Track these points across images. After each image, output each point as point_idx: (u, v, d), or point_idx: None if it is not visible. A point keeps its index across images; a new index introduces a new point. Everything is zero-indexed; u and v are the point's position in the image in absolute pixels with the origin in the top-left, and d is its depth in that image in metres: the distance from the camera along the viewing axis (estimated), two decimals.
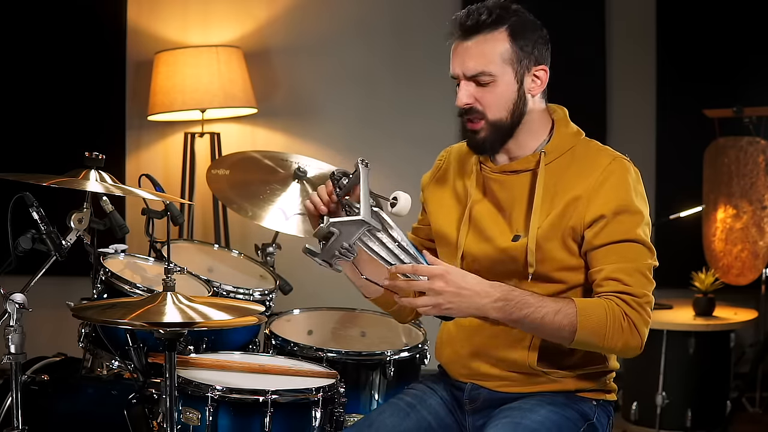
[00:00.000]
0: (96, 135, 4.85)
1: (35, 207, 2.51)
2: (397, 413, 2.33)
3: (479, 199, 2.29)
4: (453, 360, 2.38)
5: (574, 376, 2.27)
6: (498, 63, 2.17)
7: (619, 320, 2.10)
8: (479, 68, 2.17)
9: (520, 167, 2.25)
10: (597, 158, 2.21)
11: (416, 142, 4.75)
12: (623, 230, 2.15)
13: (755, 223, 4.39)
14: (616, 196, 2.16)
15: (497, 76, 2.17)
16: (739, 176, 4.42)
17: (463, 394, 2.35)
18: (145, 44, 4.93)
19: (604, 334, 2.10)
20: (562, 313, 2.10)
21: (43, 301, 2.84)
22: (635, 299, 2.12)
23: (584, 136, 2.28)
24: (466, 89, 2.19)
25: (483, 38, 2.17)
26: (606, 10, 4.92)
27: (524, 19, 2.20)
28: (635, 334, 2.11)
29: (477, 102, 2.20)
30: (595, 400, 2.30)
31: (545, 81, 2.24)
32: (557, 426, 2.18)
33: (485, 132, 2.21)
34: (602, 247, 2.16)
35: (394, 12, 5.03)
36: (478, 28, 2.16)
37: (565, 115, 2.30)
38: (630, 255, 2.15)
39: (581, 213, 2.16)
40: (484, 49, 2.17)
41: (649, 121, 4.97)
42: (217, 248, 3.68)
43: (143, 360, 2.78)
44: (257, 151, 3.83)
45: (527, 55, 2.19)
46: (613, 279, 2.14)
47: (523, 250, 2.19)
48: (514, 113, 2.21)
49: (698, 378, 4.23)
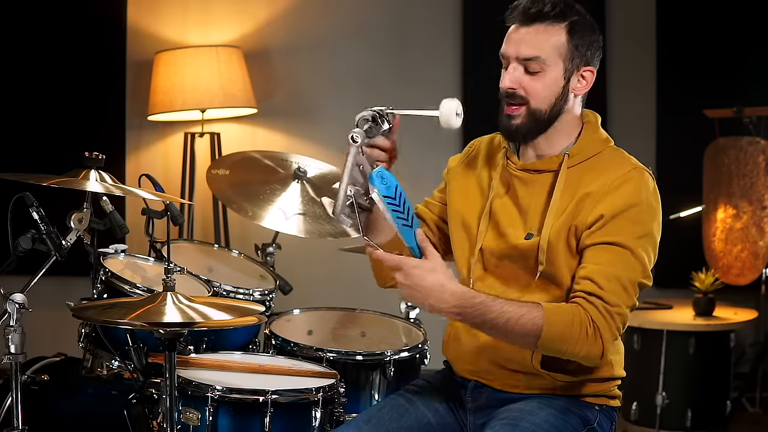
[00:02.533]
0: (96, 135, 4.85)
1: (35, 207, 2.51)
2: (396, 409, 2.32)
3: (501, 194, 2.29)
4: (458, 356, 2.38)
5: (578, 380, 2.26)
6: (552, 54, 2.18)
7: (585, 327, 2.07)
8: (534, 53, 2.17)
9: (543, 167, 2.25)
10: (620, 164, 2.20)
11: (416, 141, 4.76)
12: (617, 233, 2.12)
13: (755, 223, 4.39)
14: (623, 201, 2.14)
15: (548, 67, 2.18)
16: (739, 176, 4.42)
17: (466, 391, 2.34)
18: (145, 44, 4.93)
19: (569, 340, 2.07)
20: (525, 318, 2.08)
21: (43, 301, 2.84)
22: (606, 306, 2.09)
23: (612, 144, 2.29)
24: (514, 73, 2.19)
25: (543, 27, 2.17)
26: (606, 11, 4.92)
27: (584, 20, 2.21)
28: (598, 342, 2.08)
29: (521, 88, 2.19)
30: (598, 405, 2.29)
31: (590, 83, 2.25)
32: (556, 429, 2.17)
33: (522, 119, 2.21)
34: (592, 246, 2.14)
35: (394, 12, 5.04)
36: (540, 17, 2.17)
37: (597, 121, 2.31)
38: (616, 261, 2.11)
39: (586, 212, 2.15)
40: (543, 37, 2.17)
41: (649, 121, 4.97)
42: (217, 248, 3.68)
43: (143, 360, 2.78)
44: (257, 151, 3.83)
45: (580, 54, 2.20)
46: (589, 279, 2.11)
47: (534, 248, 2.19)
48: (553, 107, 2.21)
49: (698, 378, 4.23)
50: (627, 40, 4.96)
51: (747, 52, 4.78)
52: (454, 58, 4.94)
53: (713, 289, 4.31)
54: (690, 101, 4.76)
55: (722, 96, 4.63)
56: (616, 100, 4.96)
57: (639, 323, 4.28)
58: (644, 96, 4.97)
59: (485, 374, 2.32)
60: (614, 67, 4.92)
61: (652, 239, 2.16)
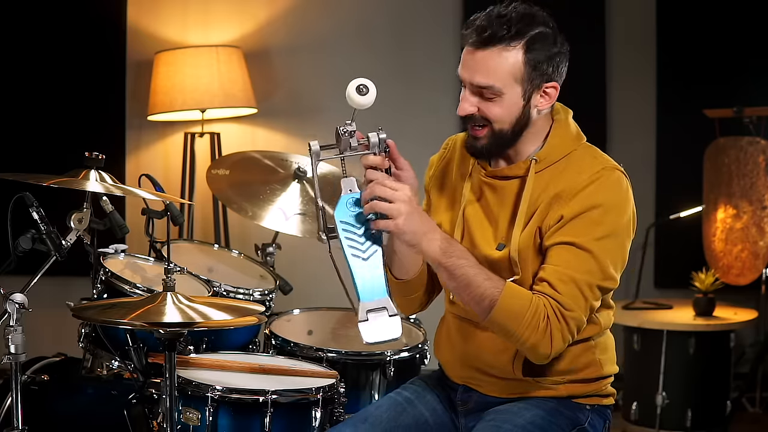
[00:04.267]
0: (96, 135, 4.84)
1: (35, 207, 2.51)
2: (393, 408, 2.30)
3: (472, 201, 2.25)
4: (448, 360, 2.37)
5: (565, 381, 2.23)
6: (507, 80, 2.10)
7: (539, 318, 2.04)
8: (486, 82, 2.11)
9: (510, 173, 2.20)
10: (590, 165, 2.14)
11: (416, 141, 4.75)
12: (576, 234, 2.07)
13: (755, 223, 4.39)
14: (585, 202, 2.08)
15: (504, 93, 2.11)
16: (740, 176, 4.42)
17: (456, 395, 2.33)
18: (145, 44, 4.93)
19: (520, 323, 2.03)
20: (491, 281, 2.05)
21: (43, 301, 2.84)
22: (561, 309, 2.05)
23: (585, 140, 2.22)
24: (470, 98, 2.15)
25: (497, 51, 2.09)
26: (606, 11, 4.92)
27: (544, 33, 2.10)
28: (547, 339, 2.04)
29: (479, 111, 2.15)
30: (590, 405, 2.26)
31: (554, 97, 2.16)
32: (540, 430, 2.15)
33: (486, 139, 2.16)
34: (552, 247, 2.09)
35: (394, 12, 5.03)
36: (494, 41, 2.09)
37: (567, 118, 2.24)
38: (573, 263, 2.07)
39: (552, 213, 2.11)
40: (496, 64, 2.09)
41: (649, 121, 4.96)
42: (217, 248, 3.68)
43: (143, 360, 2.78)
44: (257, 151, 3.83)
45: (540, 73, 2.11)
46: (546, 282, 2.07)
47: (506, 259, 2.15)
48: (515, 126, 2.15)
49: (698, 378, 4.23)
50: (627, 40, 4.95)
51: (747, 52, 4.78)
52: (454, 58, 4.91)
53: (713, 289, 4.31)
54: (690, 101, 4.76)
55: (722, 96, 4.62)
56: (616, 100, 4.95)
57: (639, 323, 4.28)
58: (644, 96, 4.96)
59: (472, 380, 2.31)
60: (614, 67, 4.91)
61: (617, 240, 2.11)
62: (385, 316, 1.98)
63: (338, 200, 2.03)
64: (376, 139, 2.09)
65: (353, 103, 2.06)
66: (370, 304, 2.00)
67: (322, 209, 2.05)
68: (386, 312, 1.99)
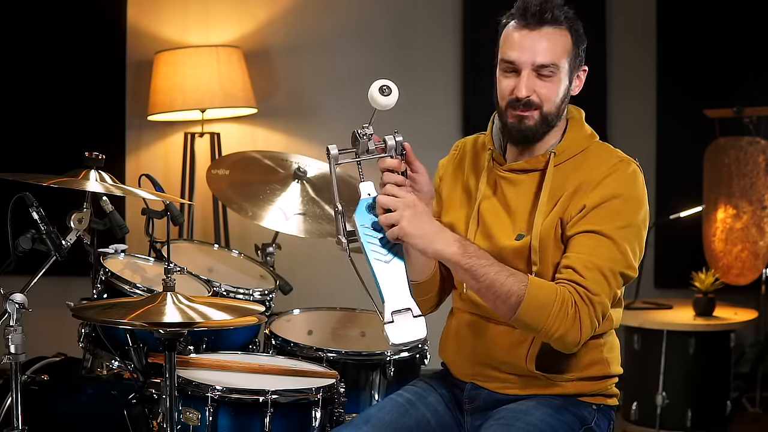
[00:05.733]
0: (96, 135, 4.84)
1: (35, 207, 2.51)
2: (396, 410, 2.31)
3: (489, 195, 2.28)
4: (455, 359, 2.38)
5: (574, 379, 2.25)
6: (563, 58, 2.18)
7: (567, 306, 2.06)
8: (548, 60, 2.17)
9: (529, 167, 2.25)
10: (606, 158, 2.21)
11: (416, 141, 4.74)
12: (598, 222, 2.12)
13: (755, 223, 4.39)
14: (606, 192, 2.14)
15: (560, 72, 2.18)
16: (739, 176, 4.42)
17: (463, 393, 2.34)
18: (145, 44, 4.93)
19: (548, 314, 2.05)
20: (515, 277, 2.07)
21: (43, 301, 2.84)
22: (588, 294, 2.08)
23: (597, 138, 2.28)
24: (529, 80, 2.18)
25: (552, 31, 2.17)
26: (606, 10, 4.92)
27: (577, 20, 2.22)
28: (577, 326, 2.06)
29: (535, 94, 2.18)
30: (595, 404, 2.28)
31: (583, 82, 2.27)
32: (551, 428, 2.17)
33: (535, 122, 2.20)
34: (575, 236, 2.14)
35: (394, 12, 5.03)
36: (550, 21, 2.17)
37: (581, 117, 2.31)
38: (597, 250, 2.11)
39: (573, 204, 2.15)
40: (554, 42, 2.17)
41: (649, 121, 4.97)
42: (217, 248, 3.68)
43: (143, 360, 2.78)
44: (257, 151, 3.83)
45: (579, 55, 2.22)
46: (571, 268, 2.11)
47: (525, 249, 2.18)
48: (560, 109, 2.22)
49: (698, 378, 4.23)
50: (627, 40, 4.96)
51: (747, 52, 4.78)
52: (454, 58, 4.94)
53: (713, 289, 4.31)
54: (690, 101, 4.76)
55: (722, 96, 4.63)
56: (616, 99, 4.95)
57: (639, 323, 4.28)
58: (644, 95, 4.97)
59: (481, 377, 2.31)
60: (614, 66, 4.92)
61: (636, 231, 2.16)
62: (409, 317, 1.99)
63: (357, 205, 2.03)
64: (393, 142, 2.10)
65: (375, 104, 2.04)
66: (395, 306, 1.99)
67: (342, 213, 2.04)
68: (410, 313, 1.99)
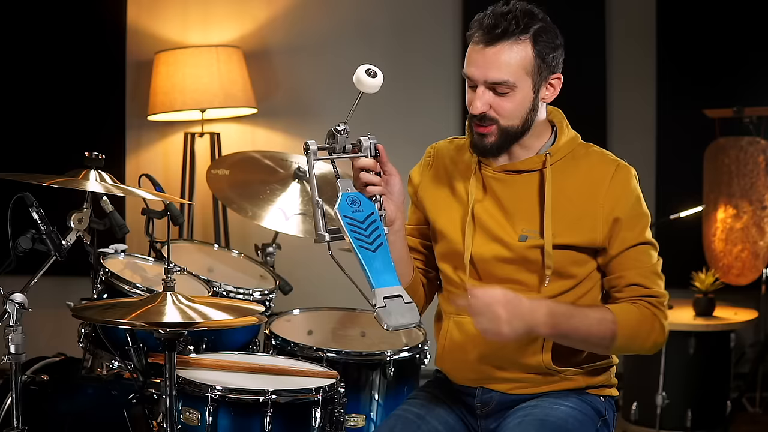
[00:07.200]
0: (96, 135, 4.85)
1: (35, 207, 2.51)
2: (407, 426, 2.27)
3: (480, 198, 2.27)
4: (458, 366, 2.34)
5: (583, 372, 2.28)
6: (519, 73, 2.14)
7: (651, 322, 2.18)
8: (501, 78, 2.13)
9: (524, 167, 2.24)
10: (602, 166, 2.23)
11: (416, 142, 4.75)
12: (635, 236, 2.20)
13: (755, 223, 4.39)
14: (627, 204, 2.20)
15: (517, 87, 2.15)
16: (739, 176, 4.42)
17: (473, 399, 2.32)
18: (145, 44, 4.93)
19: (639, 336, 2.18)
20: (603, 321, 2.16)
21: (43, 301, 2.84)
22: (657, 300, 2.20)
23: (580, 138, 2.29)
24: (483, 96, 2.16)
25: (508, 46, 2.12)
26: (606, 10, 4.92)
27: (547, 27, 2.16)
28: (664, 332, 2.21)
29: (491, 109, 2.17)
30: (603, 396, 2.32)
31: (558, 89, 2.22)
32: (579, 422, 2.20)
33: (494, 137, 2.19)
34: (619, 255, 2.21)
35: (394, 12, 5.04)
36: (504, 36, 2.12)
37: (564, 118, 2.31)
38: (644, 258, 2.21)
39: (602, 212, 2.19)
40: (508, 58, 2.12)
41: (649, 121, 4.96)
42: (217, 248, 3.68)
43: (143, 360, 2.78)
44: (257, 151, 3.83)
45: (547, 64, 2.16)
46: (635, 285, 2.20)
47: (533, 250, 2.19)
48: (525, 121, 2.20)
49: (698, 378, 4.23)
50: (627, 40, 4.96)
51: (747, 51, 4.78)
52: (454, 58, 4.94)
53: (713, 289, 4.31)
54: (690, 101, 4.76)
55: (722, 96, 4.63)
56: (616, 99, 4.95)
57: None
58: (644, 96, 4.96)
59: (491, 380, 2.30)
60: (614, 67, 4.92)
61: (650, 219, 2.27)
62: (401, 302, 1.97)
63: (338, 197, 2.05)
64: (368, 143, 2.14)
65: (362, 86, 2.07)
66: (386, 291, 1.97)
67: (321, 208, 2.05)
68: (402, 299, 1.97)
